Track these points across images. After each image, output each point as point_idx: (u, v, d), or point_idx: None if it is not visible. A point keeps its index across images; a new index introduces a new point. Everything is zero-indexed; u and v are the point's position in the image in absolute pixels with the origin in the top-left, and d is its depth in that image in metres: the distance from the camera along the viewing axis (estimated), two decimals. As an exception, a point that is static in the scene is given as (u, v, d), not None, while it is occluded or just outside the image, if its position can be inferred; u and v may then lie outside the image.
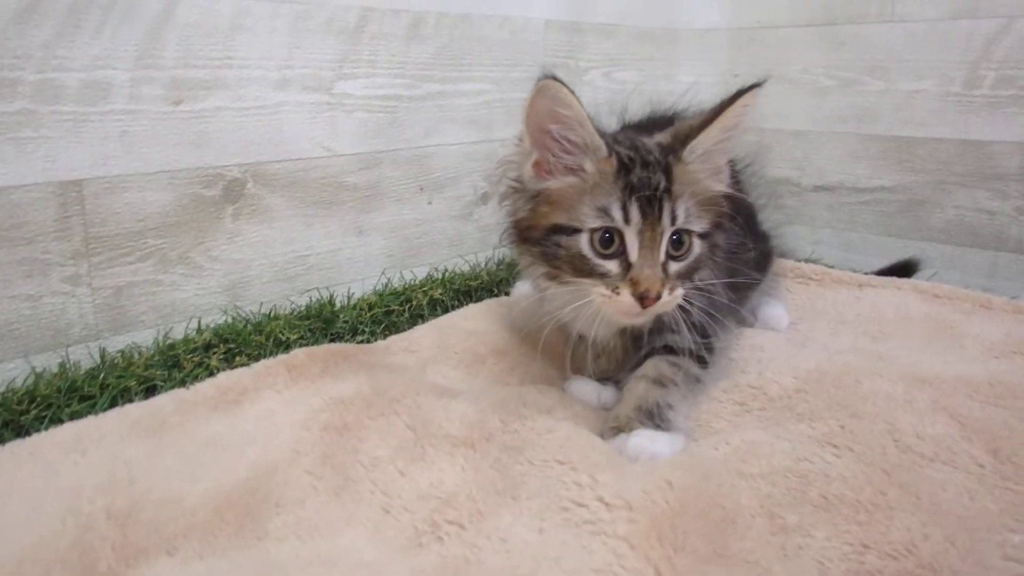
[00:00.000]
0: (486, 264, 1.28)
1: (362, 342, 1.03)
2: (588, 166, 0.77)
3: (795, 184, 1.55)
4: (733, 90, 0.78)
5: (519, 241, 0.83)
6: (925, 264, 1.40)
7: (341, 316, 1.05)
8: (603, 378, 0.90)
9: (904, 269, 1.31)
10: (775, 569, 0.59)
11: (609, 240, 0.76)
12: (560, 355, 0.95)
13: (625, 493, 0.64)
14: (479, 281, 1.21)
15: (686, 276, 0.80)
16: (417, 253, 1.23)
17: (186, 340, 0.93)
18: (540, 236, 0.79)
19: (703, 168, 0.81)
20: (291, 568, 0.61)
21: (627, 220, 0.75)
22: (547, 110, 0.75)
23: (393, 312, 1.10)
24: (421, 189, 1.21)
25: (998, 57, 1.29)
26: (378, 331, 1.06)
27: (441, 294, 1.16)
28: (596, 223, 0.76)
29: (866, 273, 1.32)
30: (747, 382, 0.91)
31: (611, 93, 1.42)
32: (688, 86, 1.52)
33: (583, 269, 0.77)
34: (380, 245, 1.17)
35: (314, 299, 1.07)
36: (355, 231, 1.14)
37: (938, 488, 0.68)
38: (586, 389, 0.90)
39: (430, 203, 1.23)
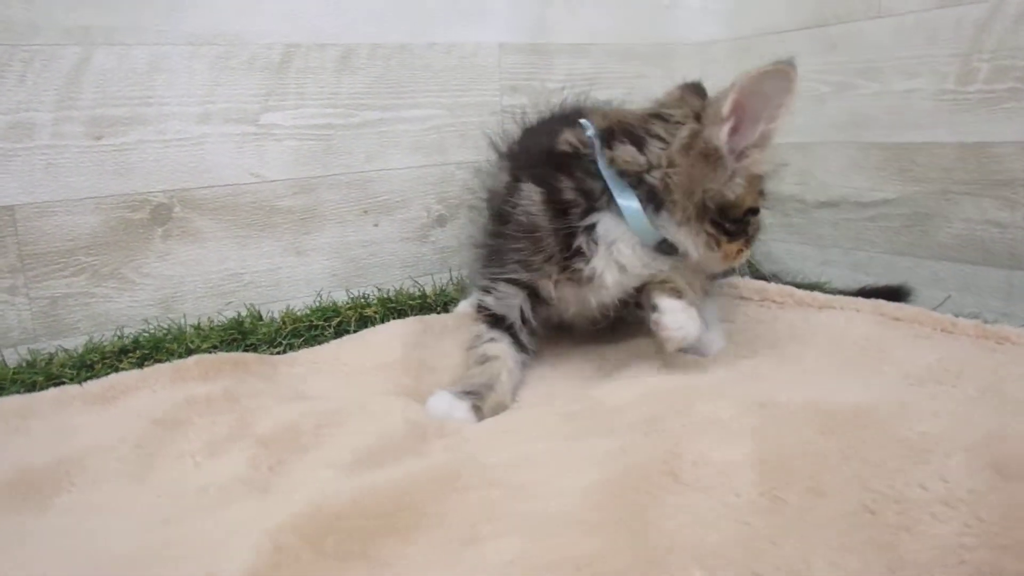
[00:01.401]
0: (444, 285, 1.31)
1: (277, 353, 1.11)
2: (763, 155, 0.90)
3: (800, 201, 1.44)
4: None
5: (695, 218, 0.90)
6: (938, 285, 1.24)
7: (260, 329, 1.13)
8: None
9: (895, 294, 1.17)
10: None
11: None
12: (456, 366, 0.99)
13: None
14: (418, 300, 1.25)
15: None
16: (365, 274, 1.29)
17: (103, 345, 1.05)
18: (740, 216, 0.91)
19: None
20: (43, 536, 0.68)
21: None
22: (765, 94, 0.85)
23: (317, 328, 1.16)
24: (365, 212, 1.27)
25: (990, 46, 1.14)
26: (296, 344, 1.13)
27: (374, 312, 1.21)
28: (762, 203, 0.94)
29: (850, 293, 1.20)
30: (598, 394, 0.89)
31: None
32: None
33: (752, 239, 0.95)
34: (322, 265, 1.25)
35: (243, 313, 1.15)
36: (293, 251, 1.22)
37: (668, 514, 0.62)
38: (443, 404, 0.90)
39: (376, 225, 1.28)
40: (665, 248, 0.93)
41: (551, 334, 1.07)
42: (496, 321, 0.98)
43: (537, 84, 1.38)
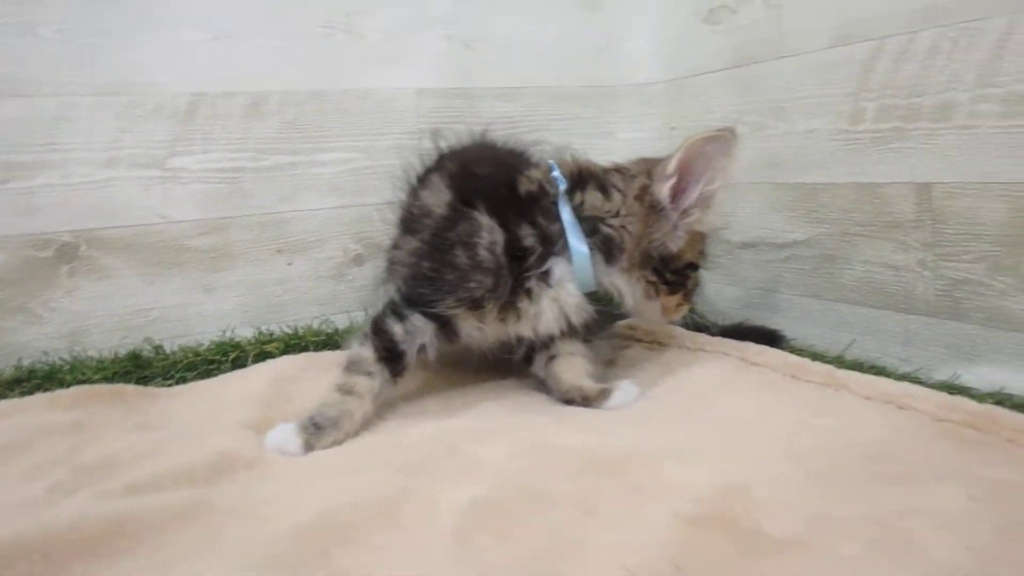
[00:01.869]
0: (359, 322, 1.34)
1: (169, 386, 1.16)
2: (706, 215, 0.97)
3: (726, 241, 1.42)
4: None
5: (638, 265, 0.97)
6: (845, 329, 1.21)
7: (156, 362, 1.19)
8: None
9: (770, 338, 1.14)
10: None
11: None
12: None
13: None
14: (324, 338, 1.29)
15: None
16: (278, 311, 1.33)
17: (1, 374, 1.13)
18: (680, 268, 0.99)
19: None
20: None
21: None
22: (709, 156, 0.93)
23: (214, 362, 1.21)
24: (279, 251, 1.32)
25: (875, 85, 1.11)
26: (190, 378, 1.18)
27: (275, 348, 1.25)
28: (703, 262, 1.03)
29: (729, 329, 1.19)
30: (415, 430, 0.91)
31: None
32: (625, 143, 1.51)
33: (689, 294, 1.03)
34: (233, 302, 1.30)
35: (146, 348, 1.21)
36: (202, 289, 1.28)
37: (352, 552, 0.62)
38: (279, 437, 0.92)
39: (290, 264, 1.33)
40: (595, 298, 0.99)
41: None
42: (389, 356, 0.95)
43: (460, 127, 1.41)
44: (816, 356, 1.19)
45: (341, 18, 1.32)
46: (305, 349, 1.26)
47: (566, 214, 0.96)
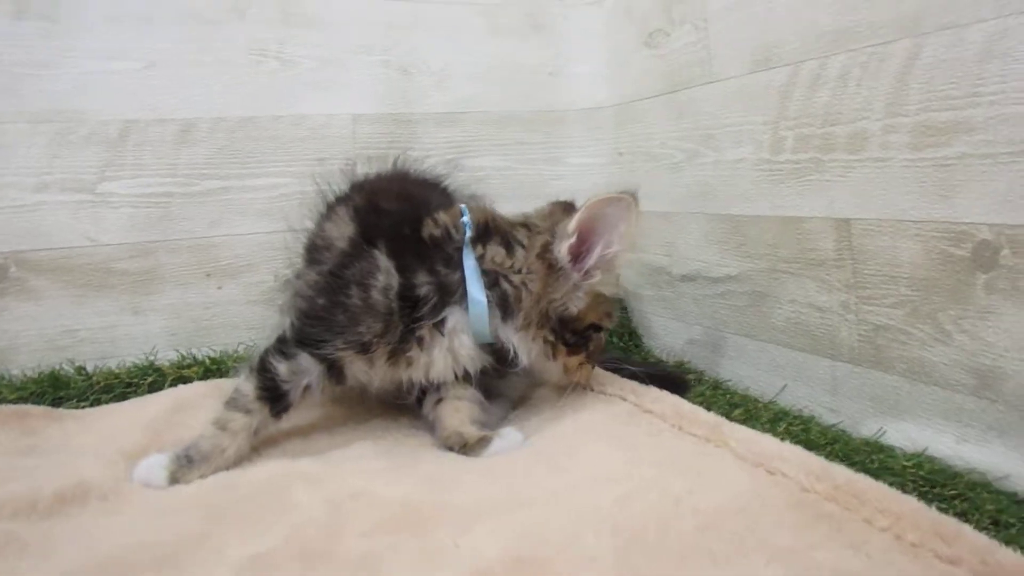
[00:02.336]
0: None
1: (84, 407, 1.18)
2: (609, 277, 0.95)
3: (667, 273, 1.35)
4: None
5: (535, 324, 0.94)
6: (777, 373, 1.13)
7: (73, 384, 1.21)
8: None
9: (676, 386, 1.07)
10: None
11: None
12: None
13: None
14: (246, 362, 1.28)
15: None
16: (207, 334, 1.34)
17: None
18: (581, 329, 0.96)
19: None
20: None
21: None
22: (608, 219, 0.90)
23: (131, 385, 1.22)
24: (208, 275, 1.33)
25: (792, 113, 1.04)
26: (105, 400, 1.19)
27: (193, 372, 1.26)
28: (609, 324, 1.00)
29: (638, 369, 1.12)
30: (254, 469, 0.89)
31: (461, 180, 1.41)
32: (574, 168, 1.47)
33: (593, 355, 1.00)
34: (161, 324, 1.31)
35: (67, 369, 1.24)
36: (131, 311, 1.30)
37: None
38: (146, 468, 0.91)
39: (220, 288, 1.34)
40: (489, 350, 0.96)
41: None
42: (270, 395, 0.92)
43: (398, 152, 1.39)
44: (749, 401, 1.12)
45: (274, 45, 1.32)
46: (224, 374, 1.26)
47: (469, 263, 0.93)
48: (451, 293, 0.92)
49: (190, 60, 1.29)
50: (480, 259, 0.93)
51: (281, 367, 0.92)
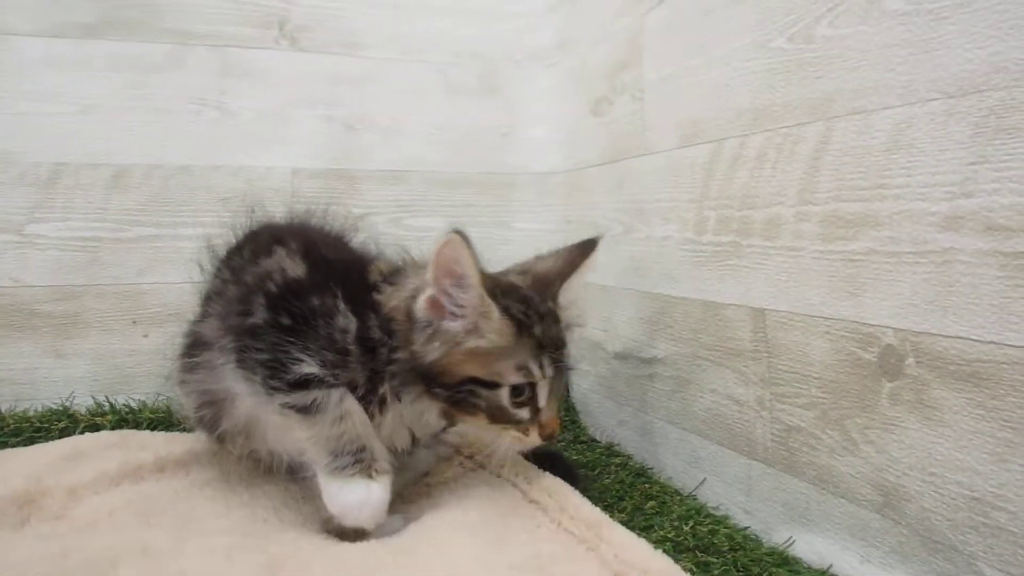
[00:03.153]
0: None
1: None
2: (485, 326, 0.82)
3: (603, 349, 1.29)
4: (575, 239, 0.94)
5: (414, 381, 0.85)
6: (698, 466, 1.06)
7: (-18, 426, 1.18)
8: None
9: (569, 477, 0.98)
10: None
11: (523, 391, 0.84)
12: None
13: None
14: (159, 414, 1.25)
15: None
16: (130, 382, 1.31)
17: None
18: (453, 383, 0.83)
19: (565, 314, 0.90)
20: None
21: (543, 374, 0.84)
22: (449, 263, 0.80)
23: (42, 430, 1.19)
24: (134, 322, 1.30)
25: (714, 193, 0.98)
26: (12, 443, 1.16)
27: (107, 421, 1.22)
28: (517, 379, 0.83)
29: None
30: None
31: (403, 239, 1.37)
32: (523, 234, 1.42)
33: (498, 417, 0.84)
34: (84, 369, 1.28)
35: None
36: (53, 354, 1.27)
37: None
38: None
39: (146, 336, 1.31)
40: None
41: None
42: None
43: (339, 208, 1.36)
44: (667, 492, 1.05)
45: (214, 95, 1.31)
46: (138, 425, 1.22)
47: None
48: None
49: (127, 106, 1.28)
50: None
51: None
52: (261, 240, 0.96)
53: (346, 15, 1.37)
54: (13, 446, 1.15)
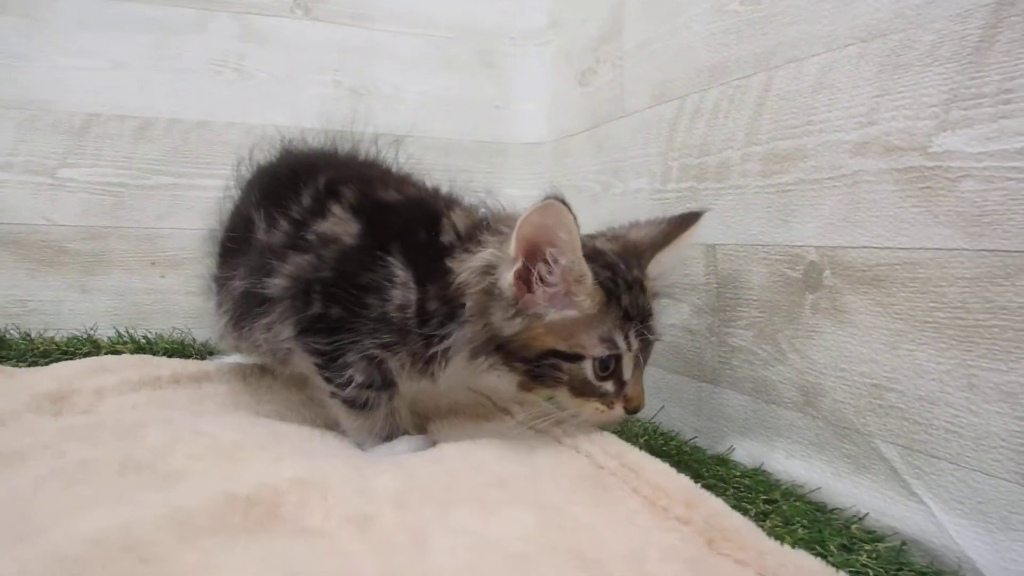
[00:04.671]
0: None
1: (21, 368, 1.26)
2: (579, 293, 0.78)
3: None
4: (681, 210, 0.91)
5: (489, 352, 0.81)
6: (658, 395, 1.17)
7: (15, 346, 1.30)
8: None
9: None
10: None
11: (608, 364, 0.80)
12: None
13: None
14: (174, 345, 1.37)
15: None
16: (147, 318, 1.42)
17: None
18: (533, 357, 0.80)
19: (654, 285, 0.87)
20: None
21: (629, 347, 0.80)
22: (546, 230, 0.75)
23: (67, 353, 1.31)
24: (153, 264, 1.43)
25: (678, 144, 1.10)
26: (40, 363, 1.28)
27: (126, 348, 1.34)
28: (601, 351, 0.79)
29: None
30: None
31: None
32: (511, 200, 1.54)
33: (582, 390, 0.81)
34: (106, 304, 1.41)
35: (12, 333, 1.33)
36: (78, 289, 1.39)
37: None
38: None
39: (163, 277, 1.43)
40: None
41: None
42: None
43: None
44: (630, 422, 1.15)
45: (233, 58, 1.44)
46: (155, 354, 1.34)
47: None
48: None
49: (152, 65, 1.41)
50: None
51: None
52: (318, 185, 0.93)
53: (356, -11, 1.51)
54: (41, 365, 1.27)
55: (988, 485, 0.69)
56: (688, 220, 0.88)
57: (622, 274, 0.81)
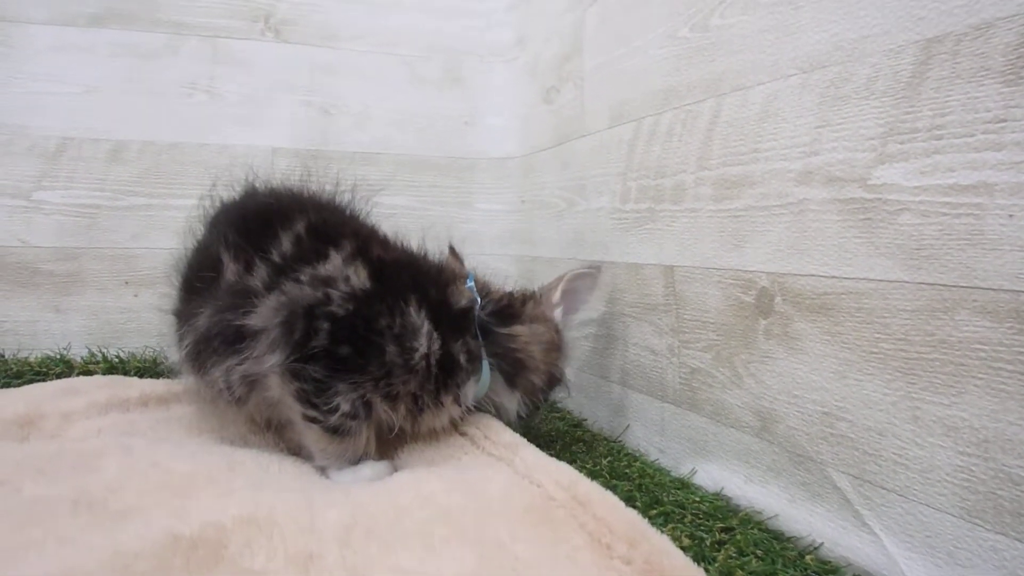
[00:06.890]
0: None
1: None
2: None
3: (552, 316, 1.41)
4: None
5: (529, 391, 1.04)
6: (624, 413, 1.18)
7: (-16, 367, 1.31)
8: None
9: None
10: None
11: None
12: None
13: None
14: (144, 364, 1.38)
15: None
16: (121, 337, 1.44)
17: None
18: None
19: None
20: None
21: None
22: (584, 290, 1.10)
23: (40, 374, 1.33)
24: (126, 283, 1.44)
25: (636, 165, 1.11)
26: (13, 383, 1.30)
27: (99, 367, 1.35)
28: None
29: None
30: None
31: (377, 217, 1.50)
32: (483, 213, 1.56)
33: None
34: (80, 324, 1.42)
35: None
36: (53, 308, 1.41)
37: None
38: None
39: (136, 296, 1.45)
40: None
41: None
42: None
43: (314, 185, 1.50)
44: (598, 439, 1.17)
45: (204, 81, 1.45)
46: (127, 373, 1.35)
47: (480, 332, 0.98)
48: (476, 359, 0.96)
49: (126, 88, 1.42)
50: (507, 336, 1.00)
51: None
52: (308, 233, 0.95)
53: (325, 10, 1.52)
54: (14, 386, 1.28)
55: (935, 519, 0.70)
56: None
57: None
